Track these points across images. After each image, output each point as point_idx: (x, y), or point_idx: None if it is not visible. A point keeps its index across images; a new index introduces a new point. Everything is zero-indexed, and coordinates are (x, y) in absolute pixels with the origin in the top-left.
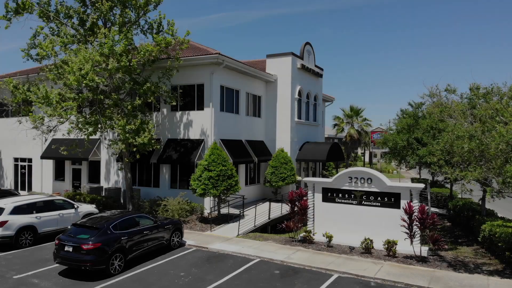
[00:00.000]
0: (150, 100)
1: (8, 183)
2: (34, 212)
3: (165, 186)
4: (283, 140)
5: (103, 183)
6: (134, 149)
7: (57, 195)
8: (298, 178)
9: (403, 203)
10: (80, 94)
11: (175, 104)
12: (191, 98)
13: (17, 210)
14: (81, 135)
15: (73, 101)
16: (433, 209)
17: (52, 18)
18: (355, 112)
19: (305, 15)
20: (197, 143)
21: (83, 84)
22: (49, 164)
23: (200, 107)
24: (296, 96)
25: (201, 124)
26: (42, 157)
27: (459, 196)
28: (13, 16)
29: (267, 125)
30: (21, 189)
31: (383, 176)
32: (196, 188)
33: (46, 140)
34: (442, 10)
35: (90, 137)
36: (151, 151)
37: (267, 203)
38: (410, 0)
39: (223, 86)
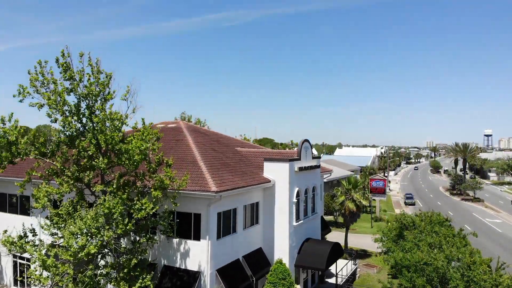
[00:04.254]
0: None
1: (8, 280)
2: None
3: None
4: (281, 248)
5: None
6: None
7: None
8: (297, 287)
9: None
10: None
11: (171, 235)
12: (187, 225)
13: None
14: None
15: (70, 263)
16: None
17: (47, 159)
18: (353, 186)
19: (305, 14)
20: (193, 276)
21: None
22: None
23: (197, 237)
24: (294, 199)
25: (198, 254)
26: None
27: None
28: (7, 164)
29: (265, 231)
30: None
31: None
32: None
33: None
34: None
35: None
36: None
37: None
38: None
39: (221, 213)
